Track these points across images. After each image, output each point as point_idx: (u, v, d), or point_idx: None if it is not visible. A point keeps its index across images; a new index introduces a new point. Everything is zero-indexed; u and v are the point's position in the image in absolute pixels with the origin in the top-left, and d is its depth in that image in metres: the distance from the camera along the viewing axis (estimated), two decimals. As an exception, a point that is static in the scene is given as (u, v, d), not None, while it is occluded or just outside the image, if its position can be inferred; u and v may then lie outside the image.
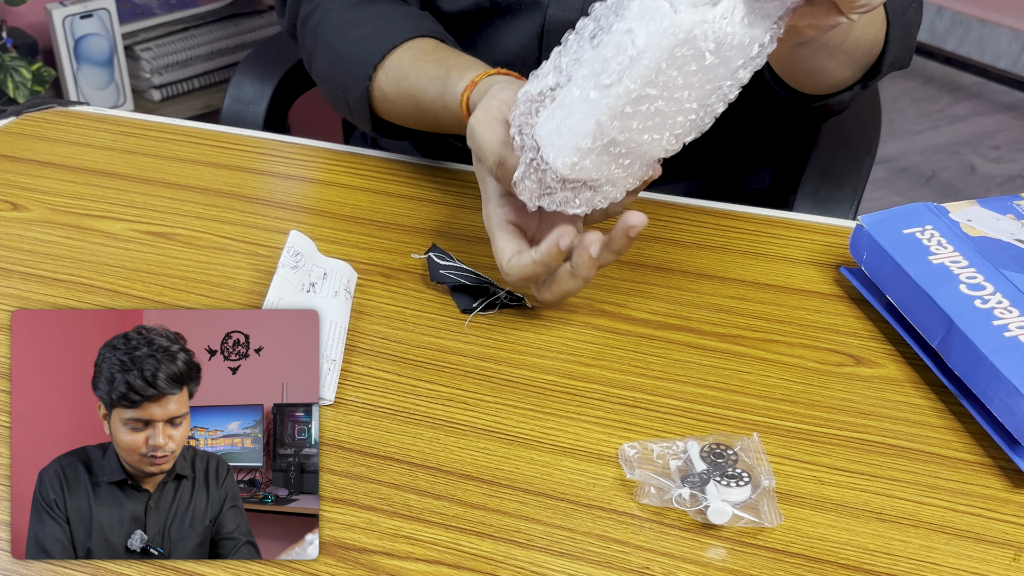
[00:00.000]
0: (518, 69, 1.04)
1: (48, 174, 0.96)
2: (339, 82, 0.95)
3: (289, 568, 0.60)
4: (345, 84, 0.94)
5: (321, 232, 0.88)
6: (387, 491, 0.65)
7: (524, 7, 1.02)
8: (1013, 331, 0.70)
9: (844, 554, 0.62)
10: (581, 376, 0.74)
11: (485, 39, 1.05)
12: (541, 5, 1.01)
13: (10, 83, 2.06)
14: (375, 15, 0.95)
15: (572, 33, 0.69)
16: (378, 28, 0.94)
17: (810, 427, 0.71)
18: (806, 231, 0.91)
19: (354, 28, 0.95)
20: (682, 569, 0.61)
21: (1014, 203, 0.84)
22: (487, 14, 1.03)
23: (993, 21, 3.07)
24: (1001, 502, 0.66)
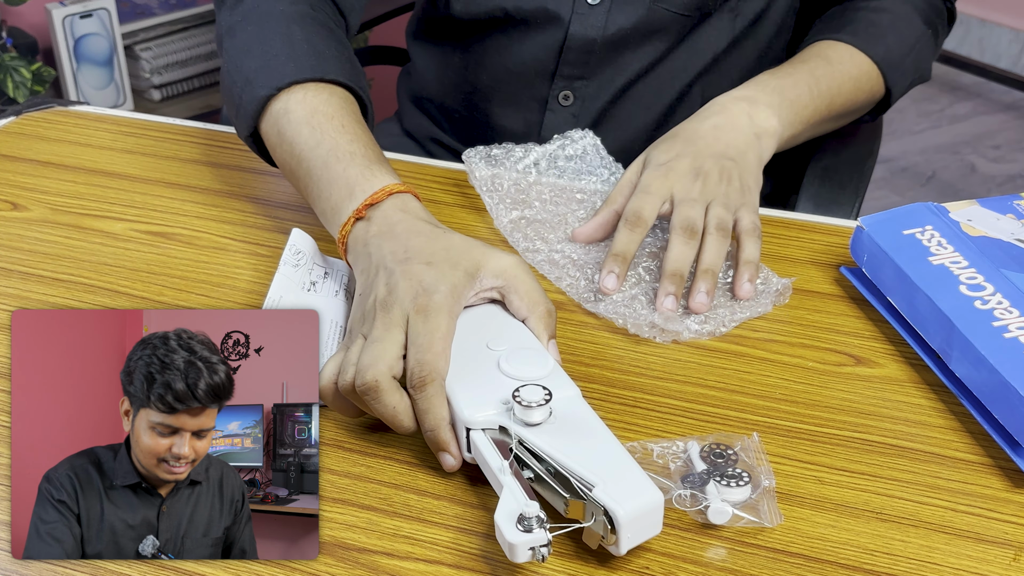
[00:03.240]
0: (532, 80, 1.04)
1: (48, 174, 0.96)
2: (244, 72, 0.86)
3: (289, 568, 0.60)
4: (251, 78, 0.85)
5: (322, 231, 0.88)
6: (387, 491, 0.65)
7: (541, 22, 1.01)
8: (1013, 332, 0.70)
9: (844, 554, 0.62)
10: (581, 376, 0.74)
11: (498, 48, 1.04)
12: (562, 21, 1.00)
13: (10, 83, 2.06)
14: (315, 32, 0.86)
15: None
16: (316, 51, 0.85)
17: (810, 427, 0.71)
18: (806, 231, 0.91)
19: (289, 35, 0.86)
20: (682, 569, 0.61)
21: (1014, 203, 0.84)
22: (502, 24, 1.03)
23: (993, 21, 3.07)
24: (1001, 502, 0.66)
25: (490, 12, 1.02)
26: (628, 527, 0.58)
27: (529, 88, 1.05)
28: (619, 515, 0.57)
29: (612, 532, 0.58)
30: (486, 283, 0.70)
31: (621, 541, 0.58)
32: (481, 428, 0.64)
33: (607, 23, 1.00)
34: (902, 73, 1.00)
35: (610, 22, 1.00)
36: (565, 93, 1.04)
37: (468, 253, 0.70)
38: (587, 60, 1.02)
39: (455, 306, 0.68)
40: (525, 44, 1.03)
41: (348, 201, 0.75)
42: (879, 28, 1.00)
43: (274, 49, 0.85)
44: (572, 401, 0.65)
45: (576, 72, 1.03)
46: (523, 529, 0.57)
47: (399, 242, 0.71)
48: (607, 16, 1.00)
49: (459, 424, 0.64)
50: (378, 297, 0.68)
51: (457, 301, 0.68)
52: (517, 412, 0.62)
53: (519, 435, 0.62)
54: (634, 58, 1.02)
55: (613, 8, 1.00)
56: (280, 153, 0.83)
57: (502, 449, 0.63)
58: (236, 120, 0.88)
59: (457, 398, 0.65)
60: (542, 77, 1.04)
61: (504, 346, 0.68)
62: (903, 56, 1.00)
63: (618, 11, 1.00)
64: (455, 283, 0.68)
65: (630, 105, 1.05)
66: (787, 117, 0.91)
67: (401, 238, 0.71)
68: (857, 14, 1.01)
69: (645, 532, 0.60)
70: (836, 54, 0.98)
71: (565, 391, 0.65)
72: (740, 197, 0.85)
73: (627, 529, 0.58)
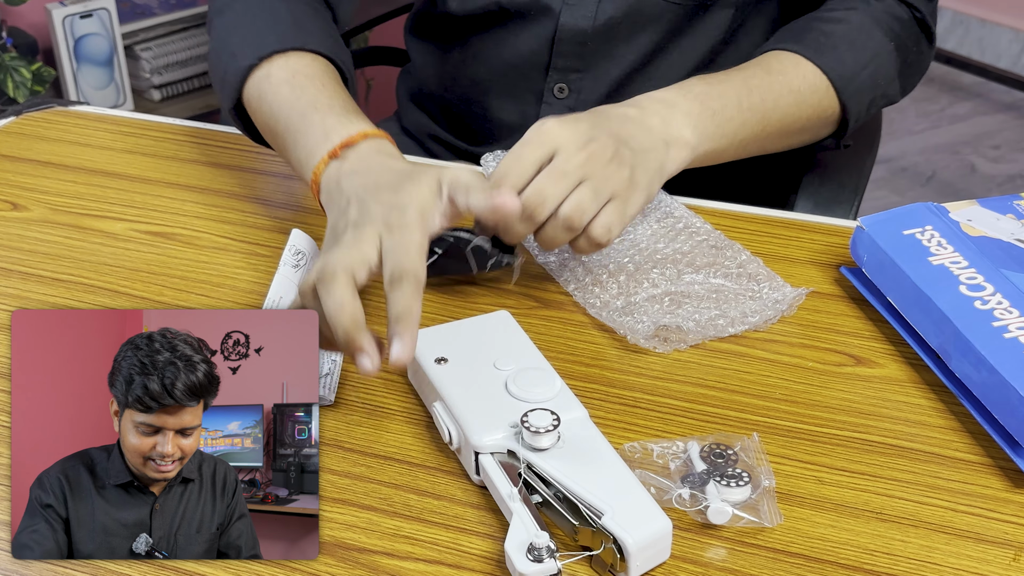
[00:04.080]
0: (528, 72, 1.04)
1: (48, 174, 0.96)
2: (231, 47, 0.88)
3: (289, 568, 0.60)
4: (235, 51, 0.87)
5: (322, 232, 0.88)
6: (387, 491, 0.65)
7: (535, 13, 1.01)
8: (1013, 332, 0.70)
9: (844, 554, 0.62)
10: (581, 376, 0.74)
11: (495, 41, 1.05)
12: (552, 12, 1.00)
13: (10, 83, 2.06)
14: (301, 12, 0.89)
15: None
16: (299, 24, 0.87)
17: (810, 427, 0.71)
18: (806, 231, 0.91)
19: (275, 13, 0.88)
20: (682, 569, 0.61)
21: (1014, 203, 0.84)
22: (497, 17, 1.03)
23: (993, 21, 3.07)
24: (1001, 502, 0.66)
25: (485, 7, 1.02)
26: (637, 555, 0.58)
27: (525, 81, 1.05)
28: (628, 544, 0.58)
29: (621, 560, 0.58)
30: (445, 194, 0.70)
31: (631, 570, 0.58)
32: (490, 452, 0.64)
33: (597, 12, 0.99)
34: (857, 88, 0.93)
35: (600, 11, 0.99)
36: (560, 86, 1.04)
37: (429, 171, 0.71)
38: (580, 52, 1.01)
39: (426, 224, 0.68)
40: (520, 37, 1.03)
41: (323, 144, 0.76)
42: (831, 38, 0.93)
43: (258, 24, 0.87)
44: (580, 423, 0.65)
45: (570, 64, 1.03)
46: (533, 559, 0.57)
47: (371, 177, 0.71)
48: (597, 5, 0.99)
49: (467, 447, 0.65)
50: (350, 219, 0.69)
51: (427, 219, 0.69)
52: (525, 437, 0.63)
53: (527, 460, 0.62)
54: (628, 50, 1.02)
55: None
56: (261, 116, 0.85)
57: (510, 472, 0.63)
58: (221, 93, 0.89)
59: (466, 421, 0.65)
60: (537, 70, 1.04)
61: (511, 366, 0.69)
62: (858, 69, 0.93)
63: (608, 0, 1.00)
64: (423, 202, 0.69)
65: (627, 99, 1.04)
66: (706, 129, 0.84)
67: (373, 173, 0.72)
68: (811, 23, 0.95)
69: (654, 559, 0.60)
70: (779, 64, 0.91)
71: (573, 413, 0.65)
72: (622, 189, 0.76)
73: (636, 558, 0.58)
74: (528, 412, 0.63)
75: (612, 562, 0.59)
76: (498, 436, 0.64)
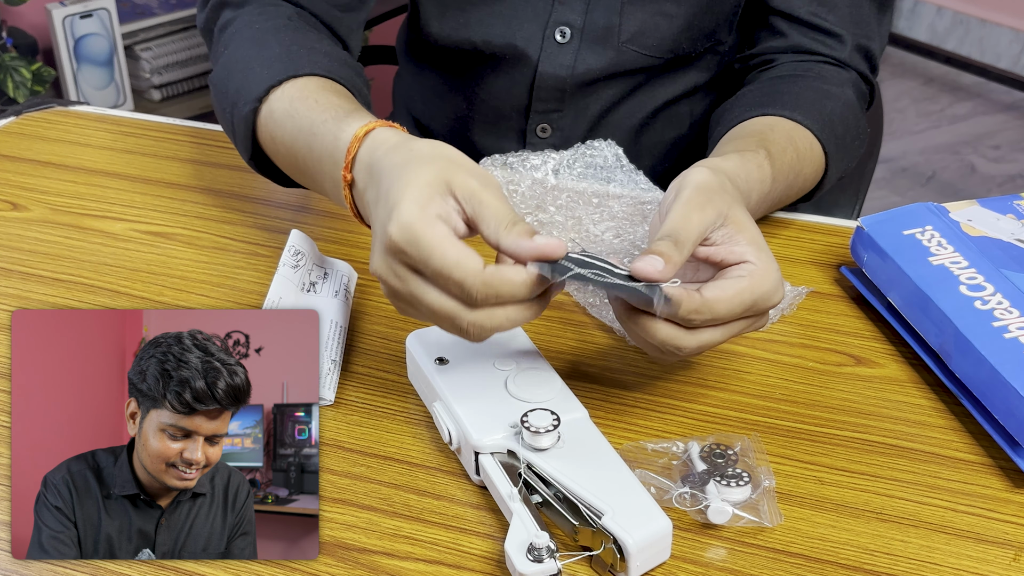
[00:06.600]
0: (508, 112, 1.03)
1: (48, 174, 0.96)
2: (230, 96, 0.84)
3: (289, 568, 0.60)
4: (235, 100, 0.83)
5: (322, 232, 0.88)
6: (387, 491, 0.65)
7: (511, 58, 1.00)
8: (1013, 332, 0.70)
9: (844, 554, 0.62)
10: (582, 376, 0.74)
11: (474, 78, 1.04)
12: (530, 60, 0.99)
13: (10, 83, 2.06)
14: (292, 40, 0.85)
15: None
16: (290, 53, 0.83)
17: (810, 427, 0.71)
18: (807, 231, 0.91)
19: (266, 48, 0.85)
20: (682, 569, 0.61)
21: (1014, 203, 0.84)
22: (474, 58, 1.02)
23: (993, 21, 3.07)
24: (1001, 502, 0.66)
25: (459, 44, 1.01)
26: (637, 556, 0.58)
27: (507, 120, 1.04)
28: (628, 544, 0.58)
29: (622, 560, 0.58)
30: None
31: (631, 570, 0.58)
32: (490, 452, 0.64)
33: (576, 62, 0.99)
34: (844, 168, 0.92)
35: (579, 62, 0.99)
36: (543, 126, 1.03)
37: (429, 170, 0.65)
38: (560, 96, 1.01)
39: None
40: (499, 78, 1.02)
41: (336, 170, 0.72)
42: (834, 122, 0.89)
43: (251, 64, 0.84)
44: (580, 423, 0.65)
45: (550, 107, 1.02)
46: (533, 559, 0.57)
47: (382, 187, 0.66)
48: (576, 56, 0.99)
49: (467, 447, 0.65)
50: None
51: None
52: (526, 437, 0.63)
53: (527, 460, 0.62)
54: (608, 92, 1.02)
55: (582, 48, 0.99)
56: (281, 158, 0.82)
57: (510, 472, 0.63)
58: (237, 146, 0.86)
59: (465, 420, 0.65)
60: (518, 111, 1.03)
61: (511, 365, 0.69)
62: (852, 156, 0.92)
63: (587, 51, 0.99)
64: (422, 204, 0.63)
65: (611, 129, 1.04)
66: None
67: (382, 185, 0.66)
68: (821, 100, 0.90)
69: (654, 559, 0.60)
70: (807, 149, 0.86)
71: (573, 413, 0.66)
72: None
73: (636, 558, 0.58)
74: (528, 412, 0.63)
75: (612, 562, 0.59)
76: (498, 436, 0.64)
